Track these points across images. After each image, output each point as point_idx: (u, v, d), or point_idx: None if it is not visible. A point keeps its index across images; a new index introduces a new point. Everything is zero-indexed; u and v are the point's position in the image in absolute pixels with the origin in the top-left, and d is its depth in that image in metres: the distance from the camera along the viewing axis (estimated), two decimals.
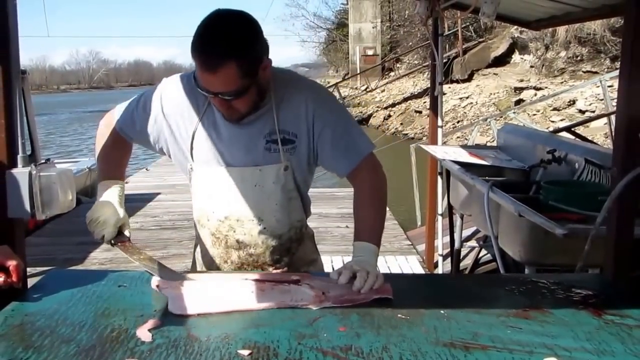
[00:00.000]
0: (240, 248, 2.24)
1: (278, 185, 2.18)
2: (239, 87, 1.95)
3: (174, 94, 2.20)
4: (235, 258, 2.26)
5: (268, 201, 2.19)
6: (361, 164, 2.22)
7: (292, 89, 2.18)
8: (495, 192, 3.92)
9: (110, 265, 6.55)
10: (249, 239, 2.23)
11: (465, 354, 1.55)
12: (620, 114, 2.36)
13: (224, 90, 1.94)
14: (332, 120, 2.19)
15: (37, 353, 1.54)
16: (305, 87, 2.23)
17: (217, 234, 2.25)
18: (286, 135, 2.15)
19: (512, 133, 5.86)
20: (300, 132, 2.16)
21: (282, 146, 2.14)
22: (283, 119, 2.14)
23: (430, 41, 6.23)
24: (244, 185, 2.17)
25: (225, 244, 2.25)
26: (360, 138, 2.24)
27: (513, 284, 2.09)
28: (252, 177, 2.16)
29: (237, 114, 2.06)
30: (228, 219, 2.21)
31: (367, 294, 1.90)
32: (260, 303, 1.84)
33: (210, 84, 1.93)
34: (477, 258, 6.03)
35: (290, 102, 2.15)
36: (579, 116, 16.80)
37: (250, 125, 2.13)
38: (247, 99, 2.01)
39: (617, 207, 2.33)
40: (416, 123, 25.43)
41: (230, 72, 1.90)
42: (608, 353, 1.57)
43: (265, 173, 2.16)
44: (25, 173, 2.00)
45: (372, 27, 37.84)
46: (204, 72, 1.92)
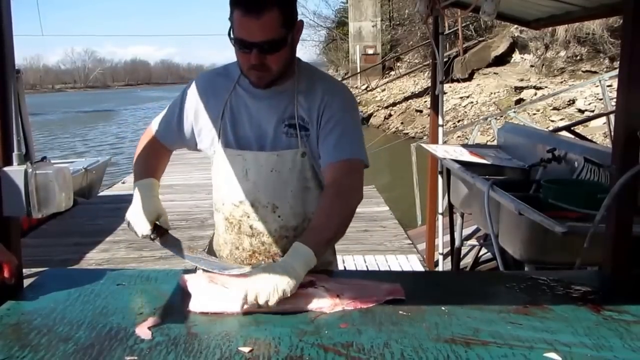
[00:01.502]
0: (253, 235, 2.24)
1: (294, 171, 2.18)
2: (279, 36, 1.98)
3: (206, 83, 2.27)
4: (247, 245, 2.26)
5: (283, 188, 2.19)
6: (343, 164, 2.12)
7: (316, 79, 2.22)
8: (495, 190, 3.93)
9: (107, 266, 6.55)
10: (262, 226, 2.23)
11: (466, 349, 1.56)
12: (619, 113, 2.36)
13: (264, 39, 1.95)
14: (338, 116, 2.17)
15: (34, 352, 1.55)
16: (327, 80, 2.28)
17: (231, 219, 2.26)
18: (301, 122, 2.16)
19: (512, 132, 5.87)
20: (312, 121, 2.17)
21: (299, 132, 2.16)
22: (301, 106, 2.17)
23: (430, 40, 6.24)
24: (260, 170, 2.17)
25: (239, 229, 2.26)
26: (356, 143, 2.18)
27: (513, 281, 2.10)
28: (268, 162, 2.16)
29: (269, 74, 2.06)
30: (243, 203, 2.22)
31: (380, 297, 1.90)
32: (278, 306, 1.79)
33: (252, 31, 1.94)
34: (477, 256, 6.03)
35: (312, 91, 2.18)
36: (579, 115, 16.80)
37: (271, 107, 2.16)
38: (281, 55, 2.03)
39: (615, 205, 2.34)
40: (417, 122, 25.42)
41: (274, 18, 1.94)
42: (606, 348, 1.58)
43: (282, 158, 2.16)
44: (21, 171, 1.99)
45: (372, 25, 37.81)
46: (247, 17, 1.93)
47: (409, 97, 28.97)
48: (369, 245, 7.32)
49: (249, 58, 2.01)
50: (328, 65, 50.16)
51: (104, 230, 8.17)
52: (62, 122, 42.71)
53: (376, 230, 7.96)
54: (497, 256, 4.06)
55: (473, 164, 5.11)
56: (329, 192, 2.11)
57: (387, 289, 1.95)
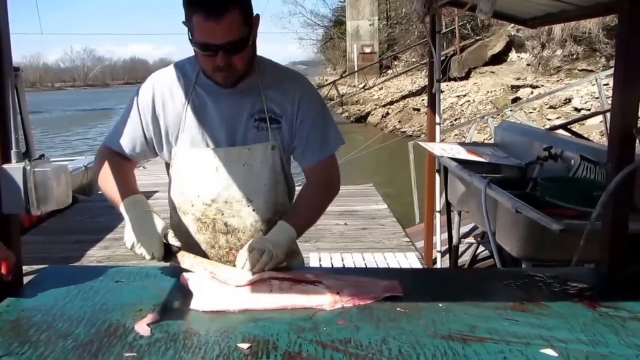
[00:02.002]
0: (228, 232, 2.23)
1: (266, 164, 2.20)
2: (242, 35, 1.98)
3: (161, 88, 2.20)
4: (223, 242, 2.25)
5: (257, 181, 2.20)
6: (328, 160, 2.31)
7: (283, 73, 2.26)
8: (492, 188, 3.92)
9: (108, 263, 6.54)
10: (237, 222, 2.22)
11: (463, 346, 1.56)
12: (615, 111, 2.37)
13: (229, 39, 1.95)
14: (315, 110, 2.26)
15: (34, 348, 1.55)
16: (295, 74, 2.33)
17: (204, 219, 2.22)
18: (272, 114, 2.19)
19: (509, 130, 5.86)
20: (286, 114, 2.20)
21: (269, 125, 2.18)
22: (271, 99, 2.19)
23: (427, 38, 6.23)
24: (233, 166, 2.17)
25: (213, 228, 2.23)
26: (333, 135, 2.31)
27: (510, 278, 2.10)
28: (240, 157, 2.17)
29: (235, 73, 2.07)
30: (215, 201, 2.20)
31: (378, 293, 1.90)
32: (278, 303, 1.83)
33: (215, 34, 1.94)
34: (474, 254, 6.04)
35: (280, 84, 2.21)
36: (575, 114, 16.82)
37: (237, 103, 2.16)
38: (245, 54, 2.04)
39: (612, 202, 2.35)
40: (414, 121, 25.45)
41: (235, 18, 1.94)
42: (602, 344, 1.58)
43: (253, 152, 2.17)
44: (19, 168, 1.99)
45: (369, 24, 37.87)
46: (208, 21, 1.92)
47: (406, 96, 29.01)
48: (368, 243, 7.32)
49: (214, 60, 2.01)
50: (326, 63, 50.23)
51: (104, 227, 8.15)
52: (61, 121, 42.59)
53: (375, 228, 7.96)
54: (495, 254, 4.06)
55: (470, 162, 5.10)
56: (318, 189, 2.32)
57: (385, 285, 1.95)
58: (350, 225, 8.05)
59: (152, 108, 2.18)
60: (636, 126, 2.30)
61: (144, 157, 2.29)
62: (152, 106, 2.18)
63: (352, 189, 10.81)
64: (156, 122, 2.19)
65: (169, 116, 2.18)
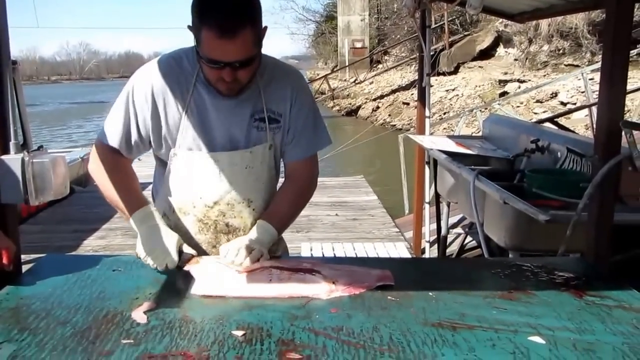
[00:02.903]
0: (229, 232, 2.22)
1: (265, 165, 2.19)
2: (252, 54, 1.93)
3: (159, 84, 2.08)
4: (224, 242, 2.21)
5: (256, 182, 2.19)
6: (312, 158, 2.30)
7: (279, 70, 2.20)
8: (480, 180, 3.93)
9: (104, 253, 6.54)
10: (239, 222, 2.21)
11: (453, 333, 1.56)
12: (601, 104, 2.37)
13: (239, 58, 1.90)
14: (308, 107, 2.24)
15: (33, 335, 1.55)
16: (291, 71, 2.28)
17: (206, 220, 2.19)
18: (272, 114, 2.16)
19: (497, 123, 5.87)
20: (285, 112, 2.18)
21: (268, 125, 2.15)
22: (270, 98, 2.15)
23: (418, 33, 6.22)
24: (234, 169, 2.14)
25: (215, 229, 2.21)
26: (322, 134, 2.30)
27: (498, 267, 2.11)
28: (242, 160, 2.14)
29: (238, 86, 2.03)
30: (218, 204, 2.17)
31: (371, 282, 1.90)
32: (277, 291, 1.83)
33: (226, 52, 1.88)
34: (462, 244, 6.05)
35: (277, 82, 2.17)
36: (561, 108, 16.84)
37: (239, 105, 2.11)
38: (252, 68, 1.99)
39: (598, 193, 2.35)
40: (404, 114, 25.43)
41: (247, 37, 1.87)
42: (589, 332, 1.59)
43: (254, 154, 2.15)
44: (18, 159, 1.98)
45: (360, 20, 37.78)
46: (221, 39, 1.85)
47: (396, 90, 28.96)
48: (358, 233, 7.33)
49: (219, 73, 1.96)
50: (317, 58, 50.16)
51: (100, 217, 8.13)
52: (56, 114, 42.28)
53: (365, 219, 7.97)
54: (482, 244, 4.07)
55: (459, 154, 5.11)
56: (299, 186, 2.30)
57: (378, 274, 1.96)
58: (341, 216, 8.06)
59: (152, 105, 2.08)
60: (622, 119, 2.31)
61: (137, 154, 2.19)
62: (151, 103, 2.08)
63: (342, 181, 10.83)
64: (156, 120, 2.09)
65: (169, 115, 2.09)
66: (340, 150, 15.17)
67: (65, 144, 24.70)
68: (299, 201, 2.29)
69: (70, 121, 36.19)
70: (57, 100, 58.22)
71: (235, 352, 1.45)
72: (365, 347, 1.48)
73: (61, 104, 54.46)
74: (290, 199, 2.26)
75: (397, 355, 1.44)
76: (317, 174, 2.36)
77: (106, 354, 1.44)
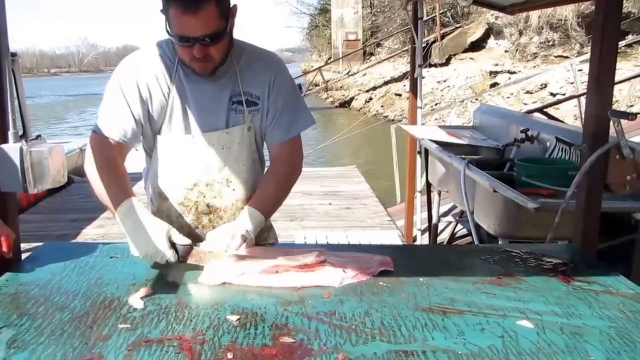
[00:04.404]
0: (210, 212, 2.22)
1: (243, 145, 2.19)
2: (218, 28, 1.94)
3: (145, 72, 2.10)
4: (206, 222, 2.23)
5: (235, 163, 2.19)
6: (293, 140, 2.27)
7: (257, 55, 2.22)
8: (471, 169, 3.93)
9: (103, 241, 6.52)
10: (219, 202, 2.21)
11: (443, 317, 1.57)
12: (590, 93, 2.37)
13: (204, 33, 1.91)
14: (287, 90, 2.24)
15: (32, 319, 1.55)
16: (269, 55, 2.28)
17: (186, 202, 2.20)
18: (249, 97, 2.17)
19: (488, 113, 5.87)
20: (263, 95, 2.19)
21: (246, 107, 2.17)
22: (247, 82, 2.16)
23: (410, 25, 6.22)
24: (211, 150, 2.15)
25: (196, 210, 2.22)
26: (303, 115, 2.28)
27: (488, 254, 2.11)
28: (219, 141, 2.15)
29: (212, 63, 2.04)
30: (197, 185, 2.18)
31: (375, 268, 1.90)
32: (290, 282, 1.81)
33: (191, 27, 1.90)
34: (453, 232, 6.07)
35: (255, 66, 2.18)
36: (551, 98, 16.82)
37: (217, 89, 2.13)
38: (222, 45, 2.01)
39: (586, 182, 2.36)
40: (396, 105, 25.44)
41: (211, 12, 1.89)
42: (576, 316, 1.59)
43: (231, 135, 2.16)
44: (16, 148, 1.98)
45: (353, 12, 37.72)
46: (185, 15, 1.88)
47: (389, 82, 28.96)
48: (351, 222, 7.33)
49: (190, 51, 1.97)
50: (311, 50, 50.07)
51: (99, 207, 7.97)
52: (52, 106, 41.94)
53: (357, 208, 7.97)
54: (473, 232, 4.08)
55: (450, 144, 5.11)
56: (283, 169, 2.27)
57: (380, 261, 1.96)
58: (335, 205, 8.05)
59: (138, 92, 2.09)
60: (610, 108, 2.31)
61: (135, 140, 2.16)
62: (137, 90, 2.09)
63: (336, 171, 10.83)
64: (144, 106, 2.10)
65: (154, 102, 2.11)
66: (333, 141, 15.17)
67: (66, 133, 24.56)
68: (283, 185, 2.26)
69: (66, 114, 35.89)
70: (57, 93, 57.84)
71: (230, 337, 1.45)
72: (357, 331, 1.49)
73: (58, 96, 54.03)
74: (275, 182, 2.23)
75: (388, 339, 1.45)
76: (301, 156, 2.35)
77: (103, 338, 1.44)
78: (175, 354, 1.37)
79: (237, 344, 1.42)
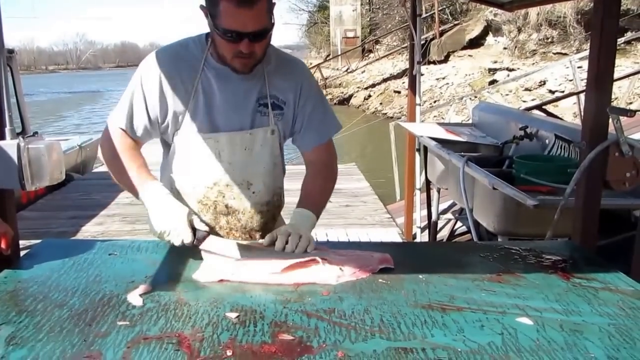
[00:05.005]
0: (229, 213, 2.22)
1: (266, 148, 2.19)
2: (268, 24, 1.96)
3: (168, 68, 2.10)
4: (224, 223, 2.24)
5: (256, 165, 2.19)
6: (327, 144, 2.31)
7: (284, 59, 2.23)
8: (470, 166, 3.93)
9: (102, 238, 6.51)
10: (238, 204, 2.21)
11: (442, 315, 1.57)
12: (589, 90, 2.37)
13: (256, 28, 1.92)
14: (315, 96, 2.26)
15: (31, 317, 1.54)
16: (295, 60, 2.31)
17: (205, 201, 2.21)
18: (275, 100, 2.17)
19: (486, 111, 5.87)
20: (289, 100, 2.19)
21: (271, 110, 2.17)
22: (275, 85, 2.16)
23: (409, 22, 6.21)
24: (234, 150, 2.15)
25: (215, 209, 2.22)
26: (332, 119, 2.32)
27: (487, 251, 2.11)
28: (242, 141, 2.15)
29: (254, 60, 2.03)
30: (217, 184, 2.18)
31: (374, 266, 1.90)
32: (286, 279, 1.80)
33: (244, 22, 1.90)
34: (452, 230, 6.07)
35: (283, 71, 2.19)
36: (549, 96, 16.81)
37: (245, 90, 2.13)
38: (265, 42, 2.01)
39: (585, 179, 2.36)
40: (395, 103, 25.42)
41: (263, 8, 1.91)
42: (575, 313, 1.59)
43: (254, 136, 2.16)
44: (14, 145, 1.97)
45: (352, 9, 37.65)
46: (239, 9, 1.87)
47: (388, 79, 28.92)
48: (351, 219, 7.33)
49: (236, 47, 1.96)
50: (310, 47, 50.00)
51: (98, 204, 8.13)
52: (50, 104, 41.77)
53: (357, 206, 7.97)
54: (472, 229, 4.08)
55: (449, 141, 5.12)
56: (324, 172, 2.30)
57: (379, 258, 1.96)
58: (334, 203, 8.03)
59: (160, 89, 2.09)
60: (609, 104, 2.31)
61: (147, 138, 2.18)
62: (159, 87, 2.09)
63: None
64: (164, 103, 2.10)
65: (177, 99, 2.10)
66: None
67: (65, 130, 24.51)
68: (326, 187, 2.29)
69: (63, 111, 35.76)
70: (54, 90, 57.67)
71: (229, 334, 1.45)
72: (356, 329, 1.49)
73: (55, 93, 53.86)
74: (319, 185, 2.27)
75: (388, 336, 1.45)
76: (335, 158, 2.38)
77: (102, 336, 1.43)
78: (174, 351, 1.36)
79: (236, 341, 1.41)
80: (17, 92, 8.15)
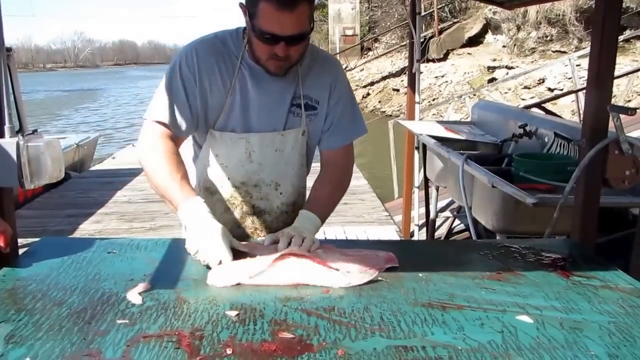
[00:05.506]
0: (255, 214, 2.21)
1: (296, 149, 2.17)
2: (307, 28, 1.91)
3: (207, 63, 2.05)
4: (249, 223, 2.23)
5: (286, 166, 2.18)
6: (345, 147, 2.26)
7: (319, 57, 2.18)
8: (469, 164, 3.94)
9: (100, 236, 6.52)
10: (265, 205, 2.20)
11: (442, 313, 1.57)
12: (590, 87, 2.37)
13: (296, 32, 1.87)
14: (346, 98, 2.22)
15: (30, 315, 1.54)
16: (330, 58, 2.27)
17: (232, 200, 2.19)
18: (309, 101, 2.14)
19: (486, 109, 5.88)
20: (322, 100, 2.16)
21: (304, 111, 2.14)
22: (308, 85, 2.13)
23: (408, 20, 6.21)
24: (265, 151, 2.13)
25: (241, 209, 2.20)
26: (360, 122, 2.28)
27: (487, 249, 2.11)
28: (273, 142, 2.12)
29: (288, 63, 1.98)
30: (245, 184, 2.17)
31: (381, 265, 1.88)
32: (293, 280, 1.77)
33: (283, 25, 1.85)
34: (451, 227, 6.08)
35: (317, 69, 2.15)
36: (548, 94, 16.84)
37: (280, 90, 2.09)
38: (302, 46, 1.97)
39: (584, 177, 2.36)
40: (394, 101, 25.41)
41: (304, 11, 1.86)
42: (575, 311, 1.59)
43: (286, 137, 2.14)
44: (13, 143, 1.96)
45: (351, 7, 37.59)
46: (280, 11, 1.82)
47: (387, 77, 28.91)
48: (349, 217, 7.33)
49: (271, 49, 1.92)
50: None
51: (96, 202, 8.15)
52: (48, 102, 41.65)
53: (355, 203, 7.97)
54: (471, 227, 4.08)
55: (448, 139, 5.12)
56: (338, 174, 2.28)
57: (384, 257, 1.94)
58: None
59: (199, 83, 2.04)
60: (610, 103, 2.31)
61: (190, 132, 2.13)
62: (198, 81, 2.04)
63: None
64: (203, 97, 2.06)
65: (214, 95, 2.06)
66: None
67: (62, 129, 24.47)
68: (338, 189, 2.26)
69: (61, 110, 35.64)
70: (51, 88, 57.56)
71: (229, 332, 1.45)
72: (356, 327, 1.48)
73: (52, 91, 53.74)
74: (331, 187, 2.23)
75: (388, 334, 1.44)
76: (353, 162, 2.35)
77: (102, 334, 1.43)
78: (174, 349, 1.36)
79: (236, 339, 1.41)
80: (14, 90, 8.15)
